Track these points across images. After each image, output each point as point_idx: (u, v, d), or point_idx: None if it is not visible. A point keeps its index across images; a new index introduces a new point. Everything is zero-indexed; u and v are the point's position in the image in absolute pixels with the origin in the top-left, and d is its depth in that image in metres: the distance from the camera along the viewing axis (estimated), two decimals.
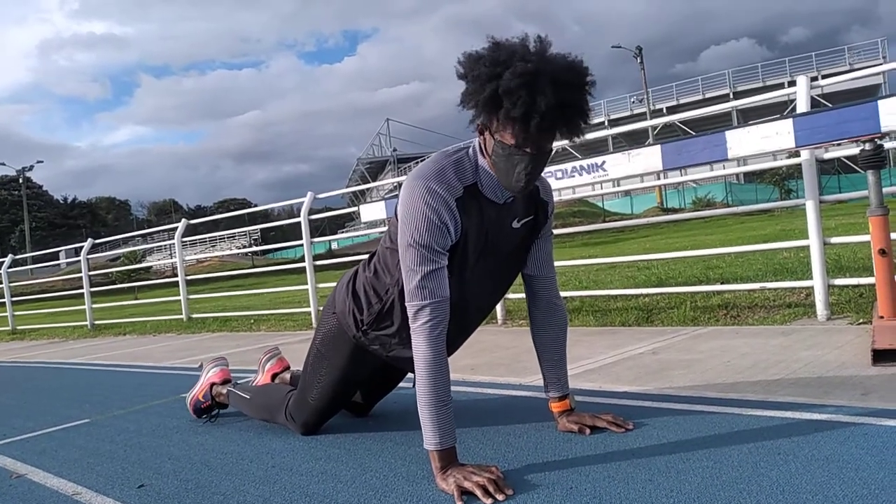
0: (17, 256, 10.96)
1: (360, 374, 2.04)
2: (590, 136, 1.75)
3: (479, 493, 1.46)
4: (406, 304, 1.63)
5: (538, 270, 1.90)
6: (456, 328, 1.73)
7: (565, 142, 1.66)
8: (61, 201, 63.75)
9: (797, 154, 3.34)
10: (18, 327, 9.81)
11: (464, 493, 1.47)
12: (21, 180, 46.73)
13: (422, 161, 1.72)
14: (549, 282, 1.92)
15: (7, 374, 5.18)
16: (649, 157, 3.46)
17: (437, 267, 1.61)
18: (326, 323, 2.01)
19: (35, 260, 17.35)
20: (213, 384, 2.54)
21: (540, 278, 1.90)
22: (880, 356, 2.25)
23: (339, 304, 1.94)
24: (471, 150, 1.68)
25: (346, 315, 1.91)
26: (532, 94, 1.46)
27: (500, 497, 1.45)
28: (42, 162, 57.35)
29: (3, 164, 46.10)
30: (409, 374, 1.76)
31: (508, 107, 1.48)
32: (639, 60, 34.04)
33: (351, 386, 2.09)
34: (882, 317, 2.65)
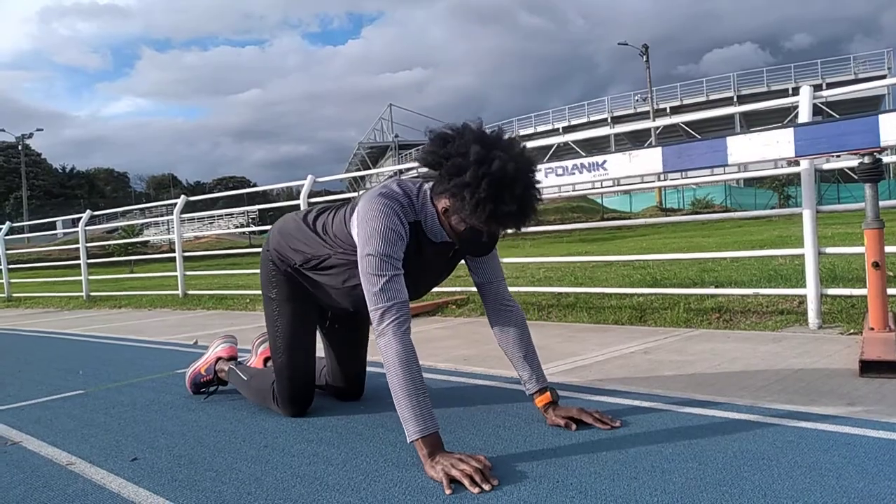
0: (15, 224, 10.95)
1: (310, 307, 2.15)
2: (593, 133, 1.80)
3: (466, 482, 1.49)
4: (370, 310, 1.71)
5: (486, 278, 2.03)
6: None
7: (567, 137, 1.75)
8: (59, 170, 63.36)
9: (797, 163, 3.36)
10: (14, 295, 9.82)
11: (452, 481, 1.50)
12: (20, 147, 46.47)
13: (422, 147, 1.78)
14: (498, 286, 2.04)
15: (1, 341, 5.20)
16: (650, 159, 3.47)
17: (396, 272, 1.72)
18: (264, 263, 2.16)
19: (32, 228, 17.31)
20: (219, 358, 2.57)
21: (488, 284, 2.04)
22: (868, 367, 2.29)
23: (273, 242, 2.12)
24: (420, 192, 1.79)
25: (282, 250, 2.08)
26: (524, 199, 1.61)
27: (486, 487, 1.48)
28: (42, 130, 57.12)
29: (3, 131, 45.81)
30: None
31: (506, 210, 1.59)
32: (644, 59, 33.92)
33: (308, 323, 2.17)
34: (872, 328, 2.69)
